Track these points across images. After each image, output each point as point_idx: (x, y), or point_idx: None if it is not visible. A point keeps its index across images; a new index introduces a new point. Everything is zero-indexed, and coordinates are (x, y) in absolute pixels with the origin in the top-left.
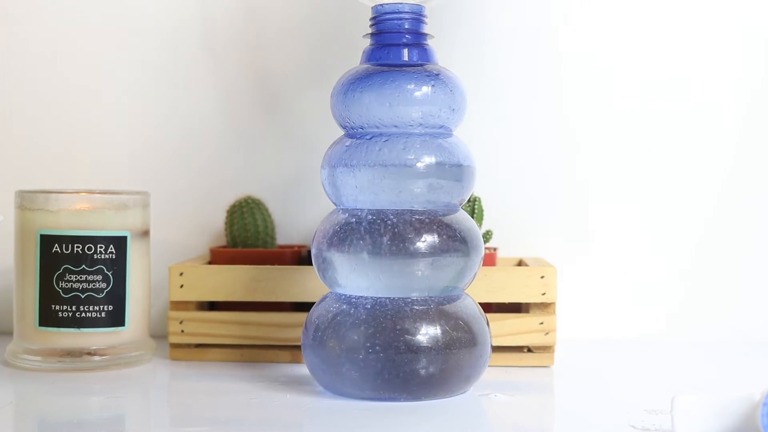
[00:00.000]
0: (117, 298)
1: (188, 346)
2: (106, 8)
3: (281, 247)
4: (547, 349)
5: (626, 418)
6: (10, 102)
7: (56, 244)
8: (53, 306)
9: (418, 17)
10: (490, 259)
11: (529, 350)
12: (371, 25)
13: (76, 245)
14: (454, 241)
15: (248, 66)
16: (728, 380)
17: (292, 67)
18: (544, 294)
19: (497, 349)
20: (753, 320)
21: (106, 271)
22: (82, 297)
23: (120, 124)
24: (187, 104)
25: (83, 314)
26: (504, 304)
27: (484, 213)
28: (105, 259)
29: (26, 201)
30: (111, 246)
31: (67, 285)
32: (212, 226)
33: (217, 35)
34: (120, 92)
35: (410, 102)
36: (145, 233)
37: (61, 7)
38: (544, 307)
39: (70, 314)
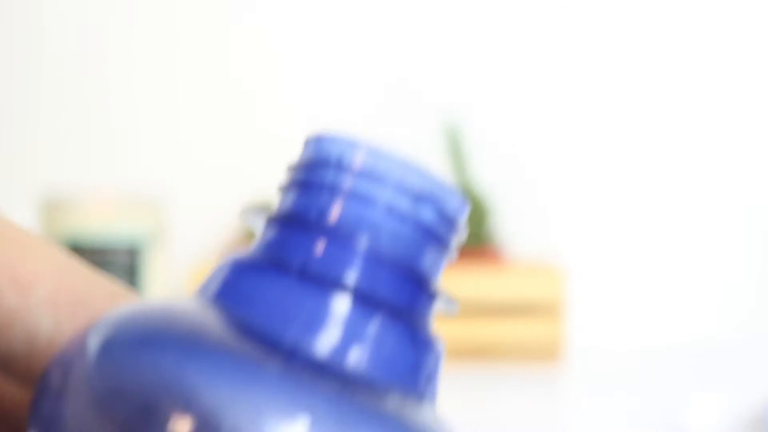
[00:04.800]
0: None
1: None
2: (131, 14)
3: None
4: (556, 351)
5: (640, 419)
6: (34, 103)
7: (76, 245)
8: None
9: None
10: (498, 259)
11: (538, 353)
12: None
13: (96, 246)
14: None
15: (269, 72)
16: (744, 382)
17: (309, 70)
18: (554, 296)
19: (506, 351)
20: None
21: (125, 273)
22: None
23: (143, 127)
24: (210, 108)
25: None
26: (513, 304)
27: (499, 210)
28: (124, 260)
29: (47, 202)
30: (131, 247)
31: None
32: (233, 228)
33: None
34: (143, 94)
35: None
36: (166, 235)
37: (94, 13)
38: (554, 308)
39: None
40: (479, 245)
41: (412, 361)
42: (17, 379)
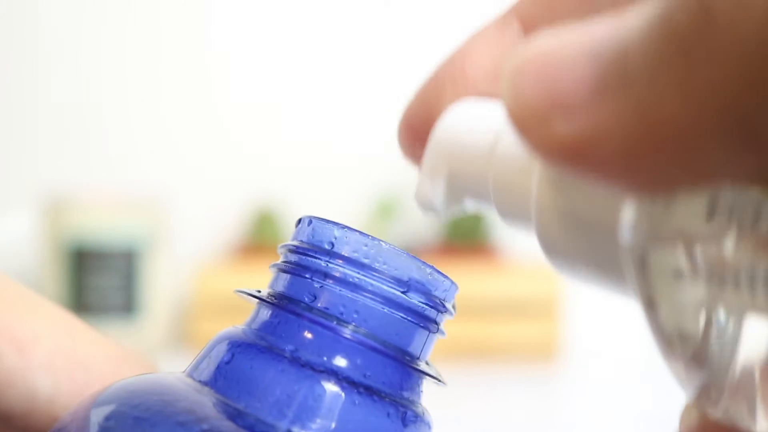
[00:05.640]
0: (139, 299)
1: None
2: (131, 12)
3: None
4: (553, 351)
5: (637, 419)
6: (34, 104)
7: (78, 245)
8: (75, 306)
9: None
10: (496, 259)
11: (535, 352)
12: None
13: (98, 245)
14: None
15: (269, 73)
16: None
17: (309, 71)
18: (551, 295)
19: (503, 350)
20: None
21: (127, 272)
22: (104, 297)
23: (143, 127)
24: (210, 108)
25: (105, 315)
26: (511, 304)
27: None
28: (127, 260)
29: (49, 201)
30: (130, 247)
31: (89, 285)
32: (233, 229)
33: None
34: (143, 95)
35: None
36: (166, 235)
37: (98, 12)
38: (551, 308)
39: (92, 314)
40: (477, 245)
41: None
42: None
